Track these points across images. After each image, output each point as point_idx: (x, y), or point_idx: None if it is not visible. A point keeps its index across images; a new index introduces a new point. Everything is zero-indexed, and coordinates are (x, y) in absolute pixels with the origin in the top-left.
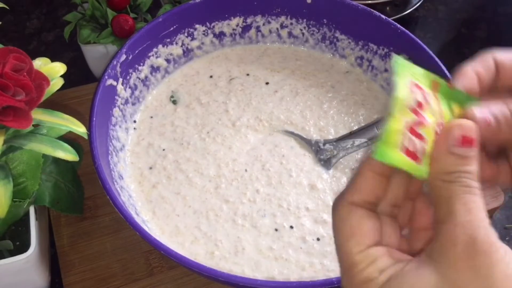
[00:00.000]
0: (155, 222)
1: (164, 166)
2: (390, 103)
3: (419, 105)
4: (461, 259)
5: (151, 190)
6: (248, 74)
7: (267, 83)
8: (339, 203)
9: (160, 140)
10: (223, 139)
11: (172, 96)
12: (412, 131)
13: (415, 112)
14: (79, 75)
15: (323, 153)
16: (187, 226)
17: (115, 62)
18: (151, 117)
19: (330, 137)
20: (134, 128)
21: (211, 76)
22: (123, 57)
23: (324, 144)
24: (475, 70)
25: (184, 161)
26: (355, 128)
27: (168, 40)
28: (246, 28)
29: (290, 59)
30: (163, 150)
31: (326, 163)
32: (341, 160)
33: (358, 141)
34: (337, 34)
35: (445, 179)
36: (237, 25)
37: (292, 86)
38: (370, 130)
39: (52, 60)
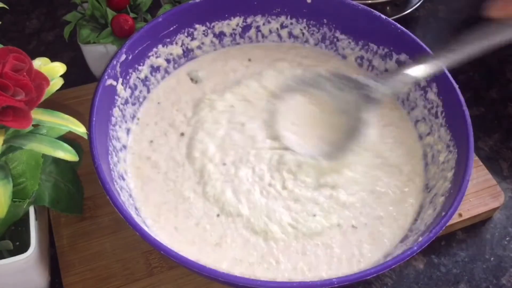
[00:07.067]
0: (155, 222)
1: (168, 168)
2: None
3: None
4: None
5: (152, 191)
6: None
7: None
8: None
9: (164, 144)
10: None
11: None
12: None
13: None
14: (79, 75)
15: (370, 91)
16: (187, 226)
17: (115, 62)
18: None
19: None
20: (135, 130)
21: None
22: (123, 57)
23: (371, 81)
24: None
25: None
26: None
27: (168, 40)
28: (246, 28)
29: None
30: (167, 153)
31: (372, 100)
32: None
33: (408, 77)
34: (337, 34)
35: None
36: (237, 25)
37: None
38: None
39: (52, 60)
